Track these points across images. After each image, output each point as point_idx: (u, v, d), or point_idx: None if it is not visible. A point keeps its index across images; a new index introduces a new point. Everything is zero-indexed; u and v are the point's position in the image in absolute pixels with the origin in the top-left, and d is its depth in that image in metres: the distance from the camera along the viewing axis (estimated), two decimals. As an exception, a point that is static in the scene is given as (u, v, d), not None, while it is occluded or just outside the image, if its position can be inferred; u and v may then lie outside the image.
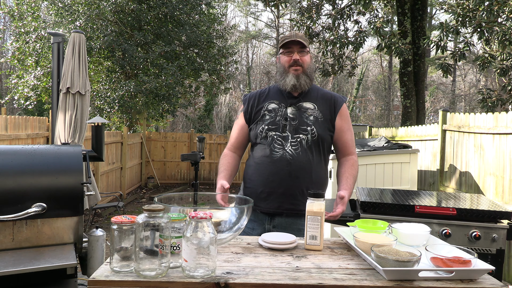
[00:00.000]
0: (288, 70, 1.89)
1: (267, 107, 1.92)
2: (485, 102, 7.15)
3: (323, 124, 1.88)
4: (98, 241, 2.25)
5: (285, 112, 1.88)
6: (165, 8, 8.94)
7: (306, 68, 1.89)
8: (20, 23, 8.82)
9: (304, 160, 1.82)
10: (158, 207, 1.07)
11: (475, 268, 1.09)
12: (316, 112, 1.89)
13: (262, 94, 1.99)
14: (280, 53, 1.95)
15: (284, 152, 1.82)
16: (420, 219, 2.27)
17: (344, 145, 1.95)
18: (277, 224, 1.84)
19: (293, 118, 1.87)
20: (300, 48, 1.88)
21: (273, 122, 1.87)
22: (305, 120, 1.86)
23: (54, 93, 3.67)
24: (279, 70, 1.95)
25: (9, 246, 1.84)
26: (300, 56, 1.88)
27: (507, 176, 3.74)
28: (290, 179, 1.81)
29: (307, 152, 1.84)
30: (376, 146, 4.50)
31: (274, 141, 1.84)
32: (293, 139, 1.84)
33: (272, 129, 1.86)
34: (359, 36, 8.19)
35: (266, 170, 1.83)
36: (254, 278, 1.06)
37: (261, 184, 1.83)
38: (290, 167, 1.81)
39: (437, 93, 22.06)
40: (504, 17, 6.28)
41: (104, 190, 7.27)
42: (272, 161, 1.82)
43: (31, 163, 1.95)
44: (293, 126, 1.85)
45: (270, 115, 1.89)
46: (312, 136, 1.84)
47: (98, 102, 8.72)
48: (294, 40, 1.87)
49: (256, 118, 1.93)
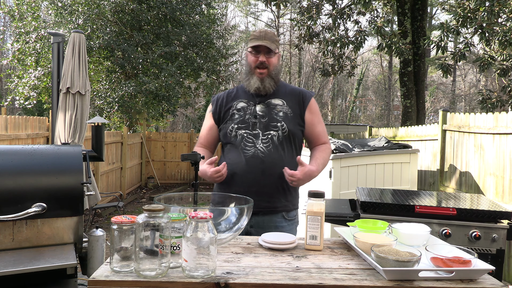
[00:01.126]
0: (254, 71, 1.88)
1: (235, 106, 1.91)
2: (485, 103, 7.15)
3: (293, 120, 1.88)
4: (98, 241, 2.25)
5: (254, 110, 1.87)
6: (165, 8, 8.94)
7: (272, 70, 1.88)
8: (20, 23, 8.82)
9: (276, 156, 1.82)
10: (158, 207, 1.07)
11: (475, 268, 1.09)
12: (285, 108, 1.89)
13: (230, 93, 1.98)
14: (248, 50, 1.91)
15: (256, 150, 1.81)
16: (420, 219, 2.27)
17: (317, 137, 1.97)
18: (254, 224, 1.82)
19: (263, 115, 1.86)
20: (268, 50, 1.86)
21: (242, 121, 1.86)
22: (275, 116, 1.86)
23: (54, 93, 3.67)
24: (245, 68, 1.93)
25: (9, 246, 1.84)
26: (267, 58, 1.86)
27: (507, 176, 3.74)
28: (264, 177, 1.80)
29: (279, 148, 1.83)
30: (376, 146, 4.50)
31: (245, 139, 1.83)
32: (264, 136, 1.83)
33: (242, 127, 1.85)
34: (360, 36, 8.19)
35: (239, 170, 1.82)
36: (254, 278, 1.06)
37: (236, 184, 1.81)
38: (263, 164, 1.80)
39: (437, 93, 22.06)
40: (504, 18, 6.28)
41: (104, 190, 7.27)
42: (244, 160, 1.81)
43: (31, 163, 1.95)
44: (263, 123, 1.84)
45: (239, 114, 1.88)
46: (283, 132, 1.84)
47: (98, 102, 8.73)
48: (261, 45, 1.84)
49: (225, 117, 1.92)
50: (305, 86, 22.71)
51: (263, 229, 1.72)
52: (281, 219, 1.88)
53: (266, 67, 1.86)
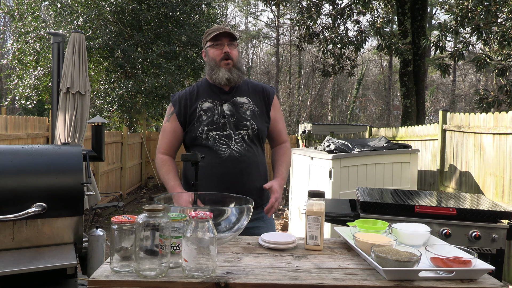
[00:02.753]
0: (220, 64, 1.85)
1: (201, 106, 1.86)
2: (482, 103, 7.15)
3: (260, 118, 1.88)
4: (98, 241, 2.25)
5: (221, 109, 1.84)
6: (165, 8, 8.94)
7: (236, 61, 1.86)
8: (20, 23, 8.82)
9: (251, 155, 1.83)
10: (158, 207, 1.07)
11: (475, 268, 1.09)
12: (251, 106, 1.88)
13: (192, 93, 1.92)
14: (207, 46, 1.89)
15: (231, 150, 1.79)
16: (420, 219, 2.27)
17: (278, 134, 1.98)
18: None
19: (231, 114, 1.84)
20: (230, 41, 1.85)
21: (211, 122, 1.82)
22: (243, 115, 1.85)
23: (54, 93, 3.67)
24: (209, 64, 1.89)
25: (9, 246, 1.84)
26: (230, 50, 1.84)
27: (507, 176, 3.74)
28: (242, 176, 1.80)
29: (251, 146, 1.84)
30: (376, 146, 4.50)
31: (217, 141, 1.80)
32: (236, 136, 1.82)
33: (212, 129, 1.81)
34: (360, 36, 8.19)
35: (216, 172, 1.79)
36: (254, 278, 1.06)
37: (214, 187, 1.74)
38: (240, 164, 1.79)
39: (437, 93, 22.06)
40: (503, 18, 6.27)
41: (104, 190, 7.27)
42: (221, 162, 1.78)
43: (31, 163, 1.95)
44: (233, 122, 1.83)
45: (207, 115, 1.84)
46: (253, 130, 1.84)
47: (98, 102, 8.73)
48: (223, 32, 1.83)
49: (192, 119, 1.85)
50: (305, 86, 22.72)
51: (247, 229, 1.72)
52: (260, 210, 1.87)
53: (231, 58, 1.85)
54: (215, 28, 1.87)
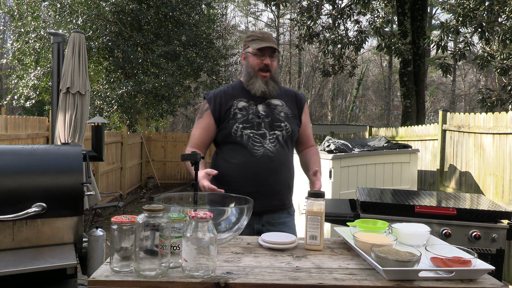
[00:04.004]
0: (257, 74, 1.87)
1: (236, 105, 1.88)
2: (485, 102, 7.15)
3: (293, 120, 1.93)
4: (98, 241, 2.25)
5: (256, 109, 1.88)
6: (165, 8, 8.93)
7: (273, 73, 1.89)
8: (20, 23, 8.82)
9: (283, 155, 1.87)
10: (158, 207, 1.07)
11: (475, 268, 1.09)
12: (285, 108, 1.92)
13: (227, 92, 1.94)
14: (249, 51, 1.89)
15: (265, 149, 1.82)
16: (420, 219, 2.27)
17: (307, 138, 2.04)
18: (265, 222, 1.86)
19: (266, 115, 1.87)
20: (272, 52, 1.87)
21: (246, 120, 1.85)
22: (277, 116, 1.89)
23: (54, 93, 3.67)
24: (247, 70, 1.91)
25: (9, 246, 1.84)
26: (270, 61, 1.86)
27: (507, 176, 3.73)
28: (274, 176, 1.83)
29: (284, 147, 1.88)
30: (376, 146, 4.50)
31: (251, 139, 1.83)
32: (270, 136, 1.85)
33: (247, 127, 1.84)
34: (360, 36, 8.19)
35: (249, 170, 1.81)
36: (254, 278, 1.06)
37: (247, 185, 1.79)
38: (273, 164, 1.82)
39: (437, 93, 22.06)
40: (504, 17, 6.27)
41: (104, 190, 7.27)
42: (254, 160, 1.81)
43: (31, 163, 1.95)
44: (268, 123, 1.86)
45: (242, 113, 1.86)
46: (287, 131, 1.88)
47: (98, 102, 8.73)
48: (269, 46, 1.84)
49: (227, 117, 1.87)
50: (305, 86, 22.71)
51: (273, 226, 1.80)
52: (286, 215, 1.94)
53: (269, 70, 1.87)
54: (261, 36, 1.87)
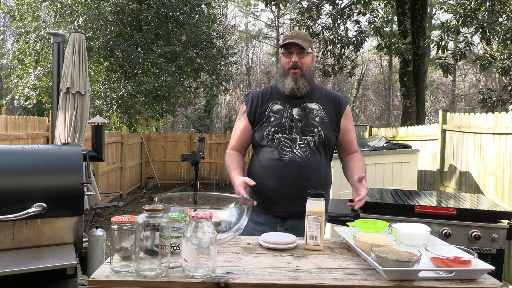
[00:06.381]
0: (288, 72, 1.85)
1: (271, 108, 1.88)
2: (485, 102, 7.15)
3: (329, 125, 1.87)
4: (98, 241, 2.24)
5: (291, 113, 1.85)
6: (165, 8, 8.93)
7: (305, 70, 1.84)
8: (20, 23, 8.81)
9: (313, 162, 1.81)
10: (158, 207, 1.07)
11: (475, 268, 1.09)
12: (321, 113, 1.87)
13: (265, 94, 1.93)
14: (281, 52, 1.90)
15: (294, 155, 1.80)
16: (420, 219, 2.27)
17: (350, 144, 1.95)
18: (288, 227, 1.83)
19: (299, 119, 1.84)
20: (300, 49, 1.83)
21: (279, 124, 1.83)
22: (311, 121, 1.84)
23: (54, 93, 3.67)
24: (279, 70, 1.92)
25: (9, 246, 1.84)
26: (299, 58, 1.83)
27: (507, 176, 3.73)
28: (301, 182, 1.79)
29: (315, 153, 1.83)
30: (376, 146, 4.50)
31: (282, 143, 1.81)
32: (301, 141, 1.82)
33: (279, 131, 1.83)
34: (360, 36, 8.19)
35: (276, 174, 1.81)
36: (254, 278, 1.06)
37: (272, 188, 1.80)
38: (300, 169, 1.79)
39: (437, 93, 22.06)
40: (504, 17, 6.28)
41: (104, 190, 7.27)
42: (282, 164, 1.80)
43: (31, 163, 1.95)
44: (300, 127, 1.83)
45: (276, 117, 1.85)
46: (319, 137, 1.83)
47: (98, 102, 8.73)
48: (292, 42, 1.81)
49: (261, 119, 1.88)
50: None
51: (296, 232, 1.73)
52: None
53: (299, 67, 1.83)
54: (288, 35, 1.86)
